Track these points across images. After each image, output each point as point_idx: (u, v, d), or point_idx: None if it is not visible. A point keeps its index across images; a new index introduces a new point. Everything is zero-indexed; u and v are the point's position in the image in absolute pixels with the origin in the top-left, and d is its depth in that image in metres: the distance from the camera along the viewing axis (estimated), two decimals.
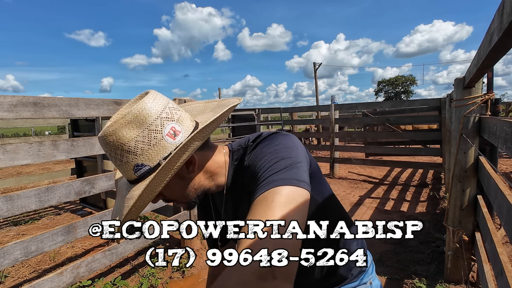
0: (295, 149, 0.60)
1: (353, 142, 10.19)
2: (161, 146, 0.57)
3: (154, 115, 0.56)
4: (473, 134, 1.76)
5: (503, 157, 6.59)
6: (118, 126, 0.55)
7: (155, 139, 0.56)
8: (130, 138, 0.55)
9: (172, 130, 0.58)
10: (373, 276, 0.81)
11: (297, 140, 0.64)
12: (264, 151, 0.61)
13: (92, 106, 1.52)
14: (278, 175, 0.53)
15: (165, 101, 0.60)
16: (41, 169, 8.27)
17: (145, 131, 0.55)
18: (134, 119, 0.55)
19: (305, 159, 0.61)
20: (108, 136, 0.55)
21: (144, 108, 0.56)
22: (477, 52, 1.19)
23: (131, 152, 0.55)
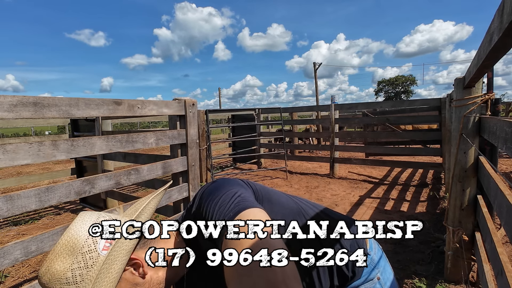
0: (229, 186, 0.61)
1: (353, 142, 10.19)
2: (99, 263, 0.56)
3: (83, 236, 0.56)
4: (473, 134, 1.76)
5: (503, 157, 6.59)
6: (50, 262, 0.54)
7: (91, 260, 0.55)
8: (65, 269, 0.54)
9: (108, 243, 0.57)
10: (382, 269, 0.78)
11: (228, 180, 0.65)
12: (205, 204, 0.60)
13: (92, 106, 1.52)
14: (228, 209, 0.54)
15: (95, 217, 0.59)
16: (41, 169, 8.27)
17: (79, 256, 0.55)
18: (64, 249, 0.54)
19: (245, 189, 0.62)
20: (43, 277, 0.54)
21: (71, 234, 0.56)
22: (477, 52, 1.19)
23: (71, 283, 0.54)
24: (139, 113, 1.65)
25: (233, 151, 6.99)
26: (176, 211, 2.39)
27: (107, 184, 1.67)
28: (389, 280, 0.79)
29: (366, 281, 0.75)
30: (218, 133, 10.58)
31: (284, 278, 0.39)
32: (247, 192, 0.62)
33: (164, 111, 1.82)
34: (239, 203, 0.55)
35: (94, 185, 1.61)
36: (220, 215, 0.54)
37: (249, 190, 0.65)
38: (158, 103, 1.79)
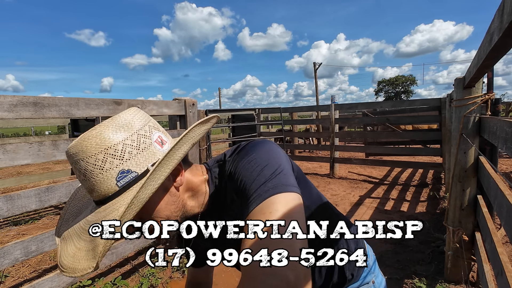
0: (275, 155, 0.58)
1: (353, 142, 10.19)
2: (150, 151, 0.53)
3: (141, 122, 0.55)
4: (473, 134, 1.76)
5: (503, 157, 6.59)
6: (104, 128, 0.51)
7: (144, 144, 0.53)
8: (118, 141, 0.50)
9: (160, 139, 0.56)
10: (376, 274, 0.80)
11: (276, 146, 0.62)
12: (245, 162, 0.57)
13: (92, 106, 1.52)
14: (267, 184, 0.51)
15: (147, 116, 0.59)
16: (41, 169, 8.27)
17: (134, 135, 0.52)
18: (122, 125, 0.52)
19: (288, 163, 0.59)
20: (89, 139, 0.49)
21: (130, 116, 0.54)
22: (477, 52, 1.19)
23: (117, 157, 0.50)
24: None
25: None
26: None
27: None
28: (382, 285, 0.81)
29: (362, 284, 0.76)
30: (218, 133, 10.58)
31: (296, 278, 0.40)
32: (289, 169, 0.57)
33: (164, 111, 1.82)
34: (278, 183, 0.51)
35: None
36: (255, 188, 0.51)
37: (290, 166, 0.61)
38: (158, 103, 1.79)
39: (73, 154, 0.50)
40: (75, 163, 0.51)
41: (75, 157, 0.50)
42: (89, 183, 0.51)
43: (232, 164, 0.61)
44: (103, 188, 0.51)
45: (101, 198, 0.52)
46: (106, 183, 0.50)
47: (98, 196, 0.52)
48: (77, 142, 0.50)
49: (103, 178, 0.50)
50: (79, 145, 0.50)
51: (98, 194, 0.52)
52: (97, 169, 0.50)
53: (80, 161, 0.50)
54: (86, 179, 0.51)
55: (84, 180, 0.52)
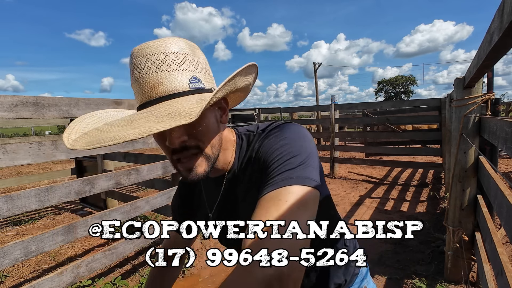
0: (308, 144, 0.56)
1: (353, 142, 10.19)
2: (212, 79, 0.58)
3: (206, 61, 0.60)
4: (473, 134, 1.76)
5: (503, 157, 6.59)
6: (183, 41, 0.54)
7: (210, 72, 0.58)
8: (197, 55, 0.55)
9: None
10: (368, 280, 0.80)
11: (308, 133, 0.60)
12: (277, 142, 0.56)
13: (92, 106, 1.52)
14: (293, 172, 0.50)
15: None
16: (41, 169, 8.27)
17: (204, 61, 0.57)
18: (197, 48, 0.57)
19: (317, 156, 0.57)
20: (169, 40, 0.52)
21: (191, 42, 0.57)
22: (477, 52, 1.19)
23: (193, 64, 0.54)
24: None
25: None
26: None
27: (107, 184, 1.67)
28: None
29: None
30: None
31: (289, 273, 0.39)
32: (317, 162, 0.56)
33: None
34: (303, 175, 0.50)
35: (94, 185, 1.61)
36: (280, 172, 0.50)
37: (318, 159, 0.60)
38: None
39: (152, 47, 0.50)
40: (149, 55, 0.50)
41: (154, 49, 0.50)
42: (160, 75, 0.50)
43: (264, 139, 0.60)
44: (175, 83, 0.51)
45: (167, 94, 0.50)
46: (179, 80, 0.51)
47: (164, 92, 0.50)
48: (156, 42, 0.51)
49: (178, 74, 0.51)
50: (162, 42, 0.51)
51: (166, 89, 0.50)
52: (175, 64, 0.51)
53: (160, 54, 0.50)
54: (159, 70, 0.50)
55: (154, 72, 0.50)
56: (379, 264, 2.31)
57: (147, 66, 0.50)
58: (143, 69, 0.51)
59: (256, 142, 0.61)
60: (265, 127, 0.63)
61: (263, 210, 0.47)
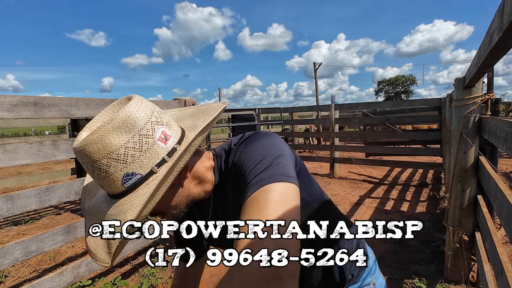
0: (278, 146, 0.59)
1: (353, 142, 10.18)
2: (153, 151, 0.53)
3: (144, 119, 0.53)
4: (473, 134, 1.76)
5: (503, 157, 6.59)
6: (105, 132, 0.50)
7: (146, 144, 0.52)
8: (120, 145, 0.50)
9: (163, 135, 0.55)
10: (376, 276, 0.80)
11: (279, 138, 0.63)
12: (247, 151, 0.59)
13: (92, 106, 1.52)
14: (265, 173, 0.52)
15: (152, 105, 0.57)
16: (41, 169, 8.27)
17: (136, 136, 0.51)
18: (123, 124, 0.51)
19: (290, 155, 0.60)
20: (91, 145, 0.49)
21: (132, 112, 0.52)
22: (478, 52, 1.19)
23: (120, 161, 0.51)
24: None
25: None
26: None
27: None
28: (383, 285, 0.81)
29: (362, 286, 0.76)
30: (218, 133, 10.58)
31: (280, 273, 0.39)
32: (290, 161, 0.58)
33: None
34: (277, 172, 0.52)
35: None
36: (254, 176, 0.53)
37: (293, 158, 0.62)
38: (158, 103, 1.79)
39: (80, 156, 0.52)
40: (83, 163, 0.53)
41: (83, 159, 0.52)
42: (98, 182, 0.54)
43: (236, 152, 0.63)
44: (111, 188, 0.53)
45: (110, 194, 0.55)
46: (113, 184, 0.52)
47: (109, 193, 0.55)
48: (81, 145, 0.50)
49: (109, 180, 0.52)
50: (83, 150, 0.50)
51: (108, 191, 0.55)
52: (102, 172, 0.51)
53: (87, 164, 0.52)
54: (95, 178, 0.54)
55: (94, 178, 0.54)
56: (379, 264, 2.30)
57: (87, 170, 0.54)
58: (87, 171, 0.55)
59: (230, 157, 0.64)
60: (237, 141, 0.66)
61: (245, 216, 0.48)
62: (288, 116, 8.75)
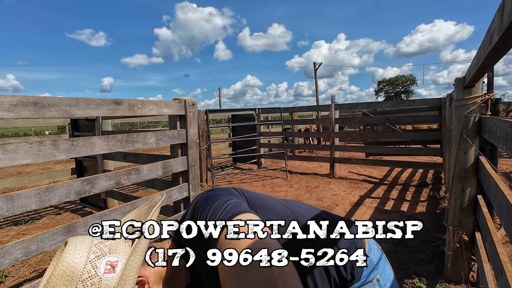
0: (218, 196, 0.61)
1: (353, 142, 10.18)
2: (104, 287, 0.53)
3: (81, 263, 0.52)
4: (473, 134, 1.76)
5: (503, 157, 6.59)
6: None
7: (93, 286, 0.52)
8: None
9: (109, 264, 0.55)
10: (381, 270, 0.78)
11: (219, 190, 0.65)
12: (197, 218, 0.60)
13: (92, 106, 1.52)
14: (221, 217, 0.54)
15: (89, 240, 0.56)
16: (41, 168, 8.27)
17: (79, 284, 0.51)
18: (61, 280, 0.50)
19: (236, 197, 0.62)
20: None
21: (67, 262, 0.52)
22: (478, 52, 1.19)
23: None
24: (139, 113, 1.65)
25: (233, 151, 6.99)
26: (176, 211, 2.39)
27: (107, 184, 1.67)
28: (389, 281, 0.78)
29: (365, 283, 0.75)
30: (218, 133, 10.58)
31: (281, 274, 0.39)
32: (240, 200, 0.62)
33: (164, 111, 1.82)
34: (231, 209, 0.55)
35: (94, 185, 1.60)
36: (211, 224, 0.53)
37: (242, 198, 0.65)
38: (158, 103, 1.79)
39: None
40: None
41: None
42: None
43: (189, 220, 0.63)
44: None
45: None
46: None
47: None
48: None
49: None
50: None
51: None
52: None
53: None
54: None
55: None
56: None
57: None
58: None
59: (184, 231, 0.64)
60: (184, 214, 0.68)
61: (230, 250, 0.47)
62: (288, 116, 8.75)
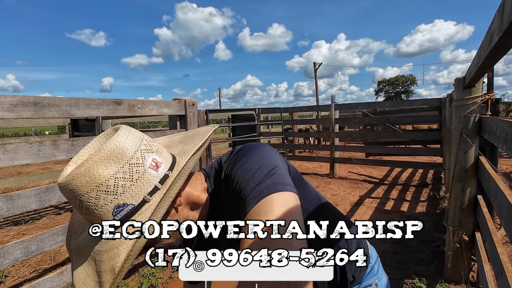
0: (269, 156, 0.58)
1: (353, 142, 10.18)
2: (145, 180, 0.52)
3: (133, 148, 0.52)
4: (473, 134, 1.76)
5: (503, 157, 6.59)
6: (92, 164, 0.48)
7: (137, 173, 0.51)
8: (109, 176, 0.49)
9: (154, 162, 0.54)
10: (379, 276, 0.79)
11: (270, 148, 0.62)
12: (240, 166, 0.57)
13: (92, 106, 1.52)
14: (262, 185, 0.51)
15: (140, 134, 0.56)
16: (41, 168, 8.27)
17: (126, 166, 0.50)
18: (111, 155, 0.49)
19: (283, 164, 0.59)
20: (78, 178, 0.47)
21: (120, 142, 0.51)
22: (478, 52, 1.19)
23: (110, 192, 0.49)
24: (139, 113, 1.65)
25: None
26: None
27: None
28: (385, 285, 0.80)
29: (364, 286, 0.75)
30: (218, 133, 10.59)
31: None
32: (284, 169, 0.58)
33: (164, 111, 1.82)
34: (273, 183, 0.51)
35: None
36: (250, 189, 0.52)
37: (286, 167, 0.61)
38: (158, 103, 1.79)
39: (66, 191, 0.50)
40: (70, 198, 0.50)
41: (69, 194, 0.49)
42: (87, 217, 0.51)
43: (227, 168, 0.61)
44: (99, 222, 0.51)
45: None
46: (103, 218, 0.50)
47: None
48: (67, 180, 0.48)
49: (99, 214, 0.50)
50: (69, 184, 0.48)
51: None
52: (91, 206, 0.49)
53: (74, 198, 0.49)
54: (83, 214, 0.51)
55: (82, 214, 0.51)
56: None
57: (75, 206, 0.51)
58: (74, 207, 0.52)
59: (223, 175, 0.62)
60: (227, 157, 0.64)
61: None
62: (288, 116, 8.75)
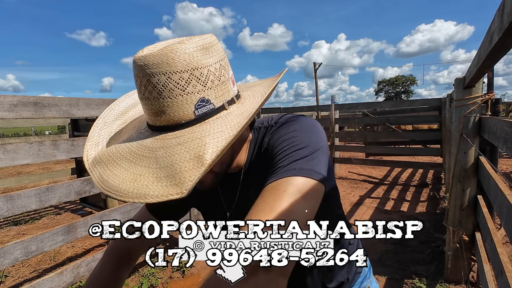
0: (317, 138, 0.54)
1: (353, 142, 10.18)
2: (226, 87, 0.48)
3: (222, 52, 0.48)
4: (473, 134, 1.76)
5: (503, 157, 6.59)
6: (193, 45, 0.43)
7: (223, 77, 0.47)
8: (206, 64, 0.44)
9: (232, 78, 0.51)
10: (371, 280, 0.79)
11: (319, 127, 0.58)
12: (285, 134, 0.54)
13: (92, 106, 1.52)
14: (297, 164, 0.49)
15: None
16: (41, 168, 8.27)
17: (218, 63, 0.46)
18: (209, 47, 0.45)
19: (326, 147, 0.56)
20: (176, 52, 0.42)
21: (215, 40, 0.47)
22: (478, 52, 1.19)
23: (201, 81, 0.44)
24: None
25: None
26: None
27: None
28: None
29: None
30: None
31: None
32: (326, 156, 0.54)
33: None
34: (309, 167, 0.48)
35: (94, 185, 1.60)
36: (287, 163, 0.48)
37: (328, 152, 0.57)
38: None
39: (153, 64, 0.42)
40: (151, 75, 0.43)
41: (155, 68, 0.42)
42: (162, 102, 0.44)
43: (276, 131, 0.58)
44: (178, 112, 0.44)
45: (170, 123, 0.45)
46: (183, 107, 0.44)
47: (167, 121, 0.45)
48: (160, 52, 0.42)
49: (182, 100, 0.43)
50: (163, 56, 0.42)
51: (169, 118, 0.45)
52: (178, 88, 0.43)
53: (161, 74, 0.42)
54: (161, 97, 0.44)
55: (156, 98, 0.44)
56: (379, 264, 2.31)
57: (148, 90, 0.44)
58: (145, 92, 0.45)
59: (267, 135, 0.60)
60: (277, 119, 0.61)
61: (261, 200, 0.46)
62: None
